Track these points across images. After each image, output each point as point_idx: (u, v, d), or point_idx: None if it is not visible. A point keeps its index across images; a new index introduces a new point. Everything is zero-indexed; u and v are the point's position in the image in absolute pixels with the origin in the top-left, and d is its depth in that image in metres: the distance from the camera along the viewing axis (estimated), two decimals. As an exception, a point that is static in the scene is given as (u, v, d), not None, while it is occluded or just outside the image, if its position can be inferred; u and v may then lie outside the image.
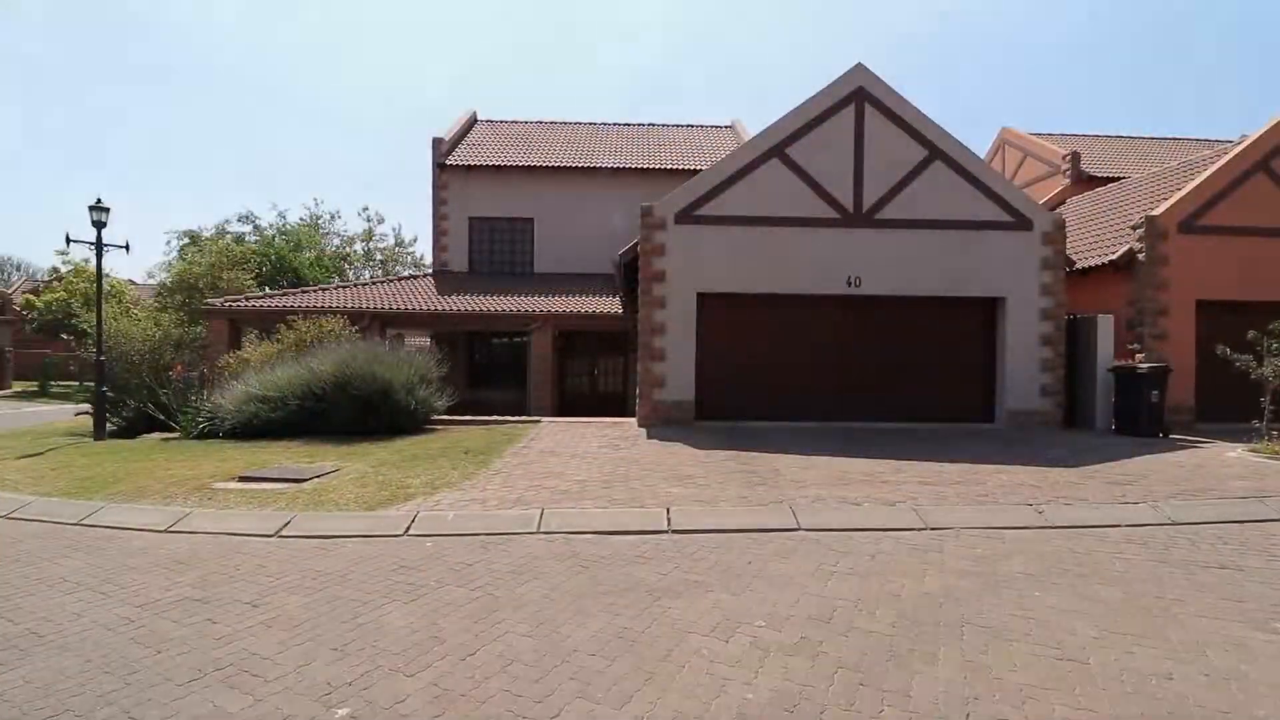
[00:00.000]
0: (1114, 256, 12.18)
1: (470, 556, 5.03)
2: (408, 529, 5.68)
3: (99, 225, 12.57)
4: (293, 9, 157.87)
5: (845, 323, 11.55)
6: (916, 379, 11.50)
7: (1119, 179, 18.65)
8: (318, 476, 7.43)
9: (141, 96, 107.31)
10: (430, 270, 20.83)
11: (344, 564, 4.93)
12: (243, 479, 7.42)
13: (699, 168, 16.15)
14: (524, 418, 12.60)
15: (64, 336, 30.97)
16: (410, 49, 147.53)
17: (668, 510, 5.97)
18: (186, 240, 25.77)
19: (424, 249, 34.32)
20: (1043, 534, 5.56)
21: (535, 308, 15.95)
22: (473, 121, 23.22)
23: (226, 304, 16.01)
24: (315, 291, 17.54)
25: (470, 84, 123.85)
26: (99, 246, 12.71)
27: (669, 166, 19.54)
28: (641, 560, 4.90)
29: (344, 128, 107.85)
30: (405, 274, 26.62)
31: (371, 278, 28.40)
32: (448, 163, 19.47)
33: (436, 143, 19.81)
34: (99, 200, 12.49)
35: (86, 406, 13.69)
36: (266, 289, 23.61)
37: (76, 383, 27.87)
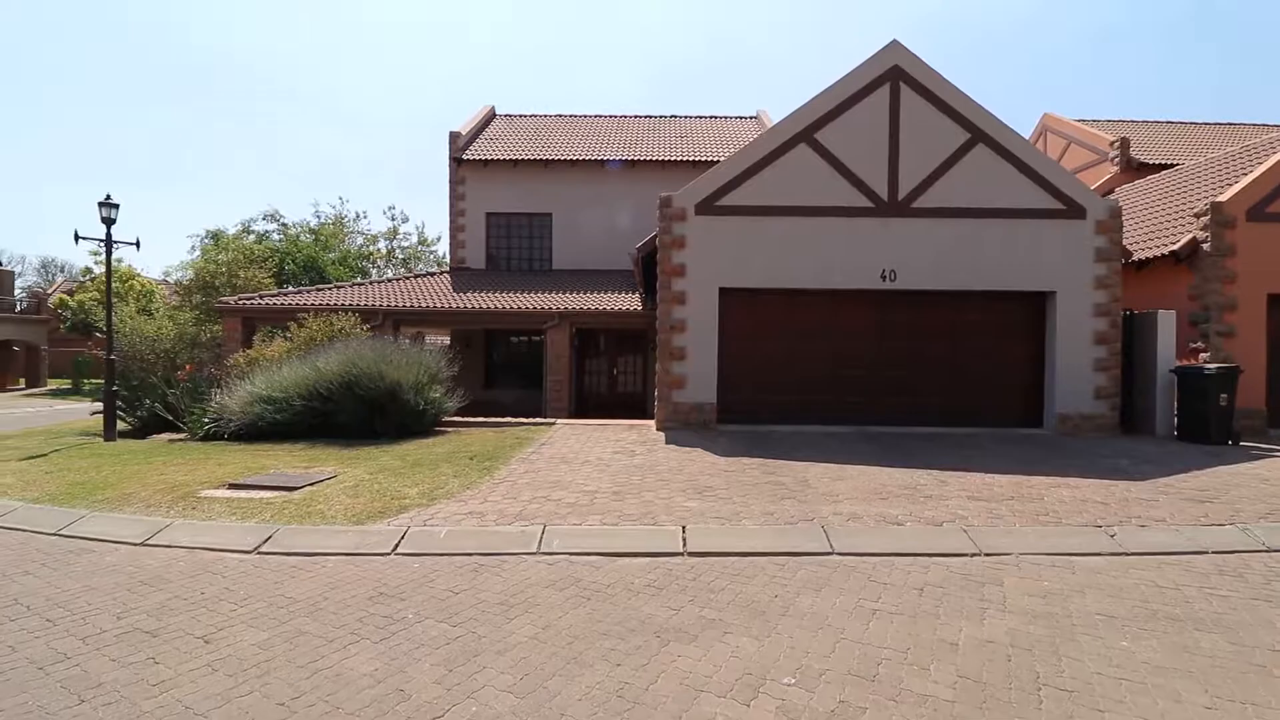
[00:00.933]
0: (1175, 247, 11.20)
1: (459, 582, 4.46)
2: (395, 547, 5.14)
3: (108, 222, 12.33)
4: (319, 10, 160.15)
5: (879, 319, 10.76)
6: (957, 380, 10.68)
7: (1171, 166, 17.49)
8: (311, 484, 6.96)
9: (173, 97, 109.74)
10: (448, 268, 20.46)
11: (318, 589, 4.40)
12: (232, 486, 6.98)
13: (723, 159, 15.44)
14: (539, 419, 12.06)
15: (97, 335, 31.45)
16: (436, 49, 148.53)
17: (683, 529, 5.34)
18: (209, 240, 25.82)
19: (447, 247, 34.12)
20: (1118, 562, 4.81)
21: (551, 305, 15.41)
22: (491, 116, 22.80)
23: (240, 302, 15.77)
24: (330, 289, 17.24)
25: (496, 83, 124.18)
26: (108, 243, 12.48)
27: (692, 158, 18.86)
28: (651, 591, 4.28)
29: (370, 128, 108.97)
30: (422, 271, 26.32)
31: (395, 276, 28.20)
32: (465, 157, 19.04)
33: (453, 137, 19.40)
34: (108, 196, 12.26)
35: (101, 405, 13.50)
36: (289, 287, 23.51)
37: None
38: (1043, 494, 6.43)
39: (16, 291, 44.36)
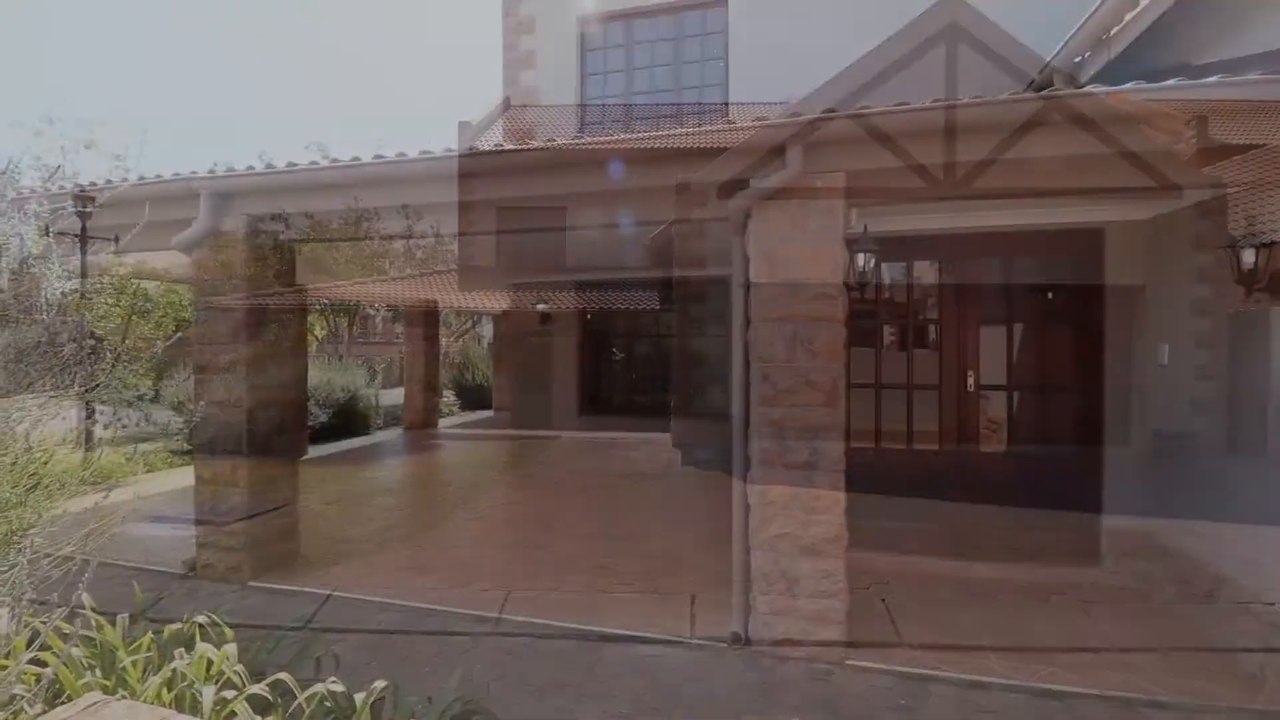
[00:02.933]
0: (1289, 232, 9.46)
1: None
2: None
3: (83, 215, 11.42)
4: (343, 7, 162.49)
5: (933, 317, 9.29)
6: (1022, 389, 9.14)
7: (1259, 148, 15.58)
8: None
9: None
10: (455, 265, 19.38)
11: None
12: None
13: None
14: (543, 430, 10.83)
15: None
16: (458, 48, 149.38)
17: None
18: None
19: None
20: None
21: (560, 302, 14.20)
22: (505, 105, 21.69)
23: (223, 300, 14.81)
24: (327, 287, 16.22)
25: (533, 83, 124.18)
26: (83, 236, 11.57)
27: (723, 144, 17.43)
28: None
29: (396, 128, 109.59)
30: (428, 270, 25.34)
31: (403, 275, 27.34)
32: (474, 147, 17.92)
33: (463, 127, 18.26)
34: (82, 189, 11.34)
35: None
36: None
37: (122, 382, 27.96)
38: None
39: (51, 293, 45.13)
